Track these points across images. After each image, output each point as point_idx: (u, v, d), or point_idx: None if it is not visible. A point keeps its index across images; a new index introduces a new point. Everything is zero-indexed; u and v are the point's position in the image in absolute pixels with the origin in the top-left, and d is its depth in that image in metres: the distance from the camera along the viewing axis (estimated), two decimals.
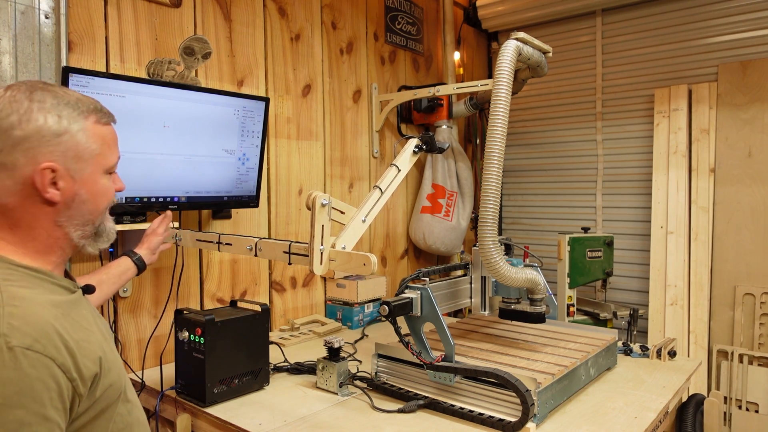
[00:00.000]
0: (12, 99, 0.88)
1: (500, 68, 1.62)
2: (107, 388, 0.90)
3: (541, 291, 1.70)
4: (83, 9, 1.70)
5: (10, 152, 0.87)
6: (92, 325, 0.95)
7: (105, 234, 1.01)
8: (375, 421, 1.42)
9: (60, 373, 0.81)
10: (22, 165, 0.88)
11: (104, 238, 1.01)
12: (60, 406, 0.81)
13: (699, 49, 2.87)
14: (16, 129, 0.87)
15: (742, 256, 2.68)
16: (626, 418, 1.42)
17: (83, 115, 0.93)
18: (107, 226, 1.02)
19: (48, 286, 0.92)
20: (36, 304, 0.85)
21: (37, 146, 0.88)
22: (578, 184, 3.31)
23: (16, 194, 0.89)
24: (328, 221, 1.32)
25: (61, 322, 0.86)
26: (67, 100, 0.92)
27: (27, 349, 0.79)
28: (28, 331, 0.80)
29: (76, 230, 0.96)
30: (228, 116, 1.89)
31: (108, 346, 0.96)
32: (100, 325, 1.00)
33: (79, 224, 0.96)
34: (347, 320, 2.42)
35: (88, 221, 0.97)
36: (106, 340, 0.97)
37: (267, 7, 2.28)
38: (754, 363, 2.61)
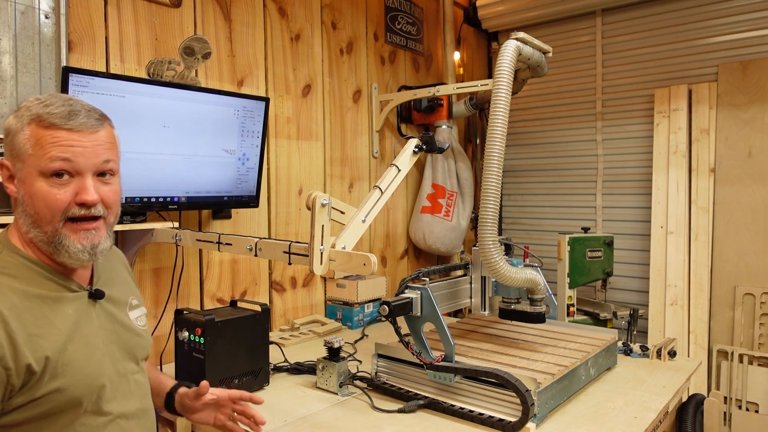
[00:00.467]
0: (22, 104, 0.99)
1: (500, 68, 1.62)
2: (53, 392, 0.90)
3: (541, 291, 1.70)
4: (83, 9, 1.70)
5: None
6: (66, 325, 0.95)
7: (64, 249, 0.96)
8: (375, 421, 1.42)
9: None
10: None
11: (63, 253, 0.96)
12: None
13: (699, 49, 2.87)
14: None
15: (742, 256, 2.68)
16: (626, 418, 1.42)
17: (30, 118, 0.95)
18: (66, 243, 0.96)
19: (37, 279, 0.95)
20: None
21: (4, 145, 0.97)
22: (578, 184, 3.31)
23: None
24: (328, 221, 1.32)
25: (20, 312, 0.89)
26: (36, 104, 0.96)
27: None
28: None
29: (29, 230, 0.96)
30: (228, 116, 1.89)
31: (82, 352, 0.95)
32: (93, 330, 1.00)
33: (29, 225, 0.95)
34: (347, 320, 2.42)
35: (34, 224, 0.95)
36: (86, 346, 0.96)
37: (267, 7, 2.28)
38: (754, 363, 2.61)
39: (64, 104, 0.96)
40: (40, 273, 0.96)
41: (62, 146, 0.94)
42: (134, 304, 1.16)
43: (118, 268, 1.20)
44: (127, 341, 1.09)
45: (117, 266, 1.20)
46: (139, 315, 1.17)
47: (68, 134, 0.94)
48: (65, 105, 0.96)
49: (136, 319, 1.15)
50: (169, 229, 1.72)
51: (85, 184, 0.95)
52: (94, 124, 0.98)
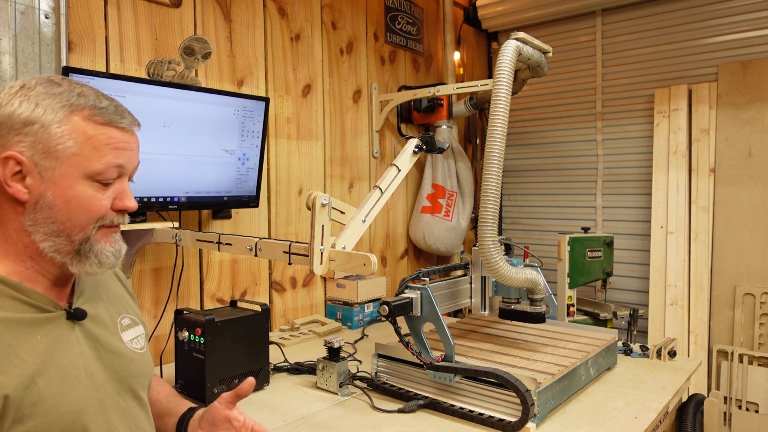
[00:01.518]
0: (10, 87, 0.82)
1: (500, 68, 1.62)
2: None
3: (541, 291, 1.70)
4: (83, 9, 1.70)
5: None
6: (34, 355, 0.78)
7: (94, 256, 0.84)
8: (375, 421, 1.42)
9: None
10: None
11: (92, 261, 0.84)
12: None
13: (699, 49, 2.87)
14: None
15: (742, 256, 2.68)
16: (626, 418, 1.42)
17: (70, 108, 0.81)
18: (98, 248, 0.84)
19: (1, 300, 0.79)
20: None
21: (6, 134, 0.79)
22: (578, 184, 3.31)
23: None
24: (328, 221, 1.32)
25: None
26: (60, 92, 0.82)
27: None
28: None
29: (45, 240, 0.81)
30: (228, 116, 1.89)
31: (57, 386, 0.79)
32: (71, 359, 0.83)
33: (47, 233, 0.81)
34: (347, 320, 2.42)
35: (58, 232, 0.82)
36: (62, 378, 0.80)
37: (267, 7, 2.28)
38: (754, 363, 2.61)
39: (106, 99, 0.84)
40: (3, 293, 0.79)
41: (118, 149, 0.83)
42: (126, 324, 0.99)
43: (107, 282, 1.03)
44: (117, 370, 0.92)
45: (106, 280, 1.03)
46: (135, 336, 1.00)
47: (122, 135, 0.84)
48: (108, 100, 0.85)
49: (131, 341, 0.98)
50: (169, 229, 1.72)
51: (126, 189, 0.87)
52: (136, 124, 0.88)
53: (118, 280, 1.09)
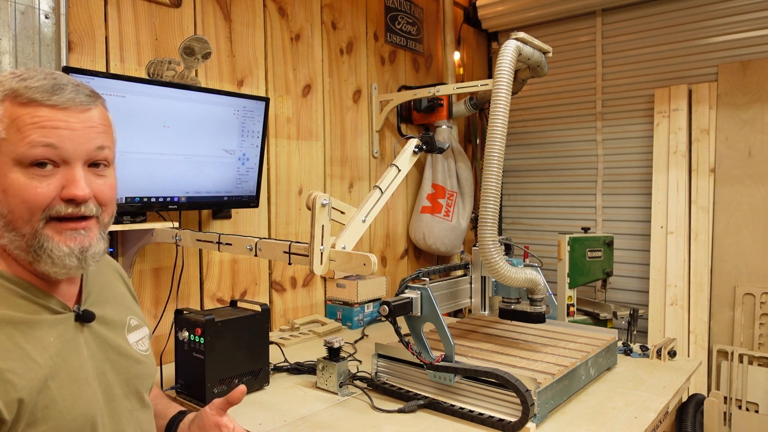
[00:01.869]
0: None
1: (500, 68, 1.62)
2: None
3: (541, 291, 1.70)
4: (83, 9, 1.70)
5: None
6: (45, 357, 0.76)
7: (45, 254, 0.77)
8: (375, 421, 1.42)
9: None
10: None
11: (45, 260, 0.78)
12: None
13: (699, 49, 2.87)
14: None
15: (742, 256, 2.68)
16: (626, 418, 1.42)
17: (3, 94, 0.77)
18: (48, 245, 0.77)
19: (10, 299, 0.77)
20: None
21: None
22: (578, 184, 3.31)
23: None
24: (328, 221, 1.32)
25: None
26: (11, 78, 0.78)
27: None
28: None
29: (2, 235, 0.77)
30: (228, 116, 1.89)
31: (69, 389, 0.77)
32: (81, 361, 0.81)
33: (1, 227, 0.77)
34: (347, 320, 2.42)
35: (8, 226, 0.77)
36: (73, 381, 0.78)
37: (267, 7, 2.28)
38: (754, 363, 2.61)
39: (46, 77, 0.78)
40: (10, 290, 0.77)
41: (45, 128, 0.75)
42: (133, 325, 0.97)
43: (112, 283, 1.01)
44: (125, 371, 0.90)
45: (111, 280, 1.01)
46: (140, 338, 0.98)
47: (52, 113, 0.76)
48: (48, 78, 0.78)
49: (137, 342, 0.96)
50: (169, 229, 1.72)
51: (74, 175, 0.77)
52: (85, 101, 0.79)
53: (122, 280, 1.06)
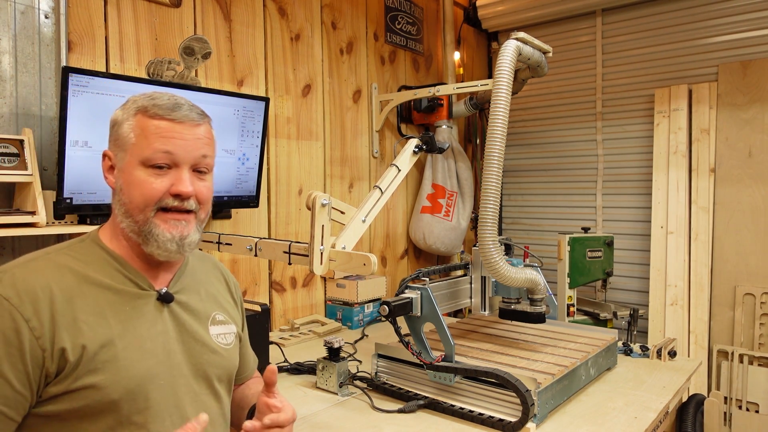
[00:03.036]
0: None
1: (500, 68, 1.62)
2: (87, 388, 0.84)
3: (541, 291, 1.70)
4: (83, 9, 1.70)
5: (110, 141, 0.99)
6: (119, 320, 0.90)
7: (153, 238, 0.94)
8: (375, 421, 1.42)
9: (28, 334, 0.81)
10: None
11: (152, 243, 0.94)
12: (20, 368, 0.80)
13: (699, 49, 2.87)
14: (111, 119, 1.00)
15: (742, 256, 2.68)
16: (626, 418, 1.42)
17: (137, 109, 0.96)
18: (156, 231, 0.94)
19: (107, 269, 0.93)
20: (54, 268, 0.89)
21: (110, 135, 0.98)
22: (578, 184, 3.31)
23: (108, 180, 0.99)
24: (328, 221, 1.32)
25: (72, 294, 0.87)
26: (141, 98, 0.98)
27: (4, 299, 0.82)
28: (17, 285, 0.84)
29: (122, 220, 0.95)
30: (228, 116, 1.89)
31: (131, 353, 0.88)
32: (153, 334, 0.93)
33: (122, 214, 0.95)
34: (347, 320, 2.42)
35: (127, 213, 0.94)
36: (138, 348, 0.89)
37: (267, 7, 2.28)
38: (754, 363, 2.61)
39: (169, 99, 0.98)
40: (112, 265, 0.94)
41: (164, 137, 0.94)
42: (219, 320, 1.07)
43: (211, 281, 1.13)
44: (197, 356, 0.99)
45: (212, 279, 1.14)
46: (224, 332, 1.07)
47: (171, 125, 0.95)
48: (170, 99, 0.98)
49: (218, 336, 1.05)
50: None
51: (181, 176, 0.95)
52: (196, 118, 0.98)
53: (226, 284, 1.19)
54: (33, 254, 0.93)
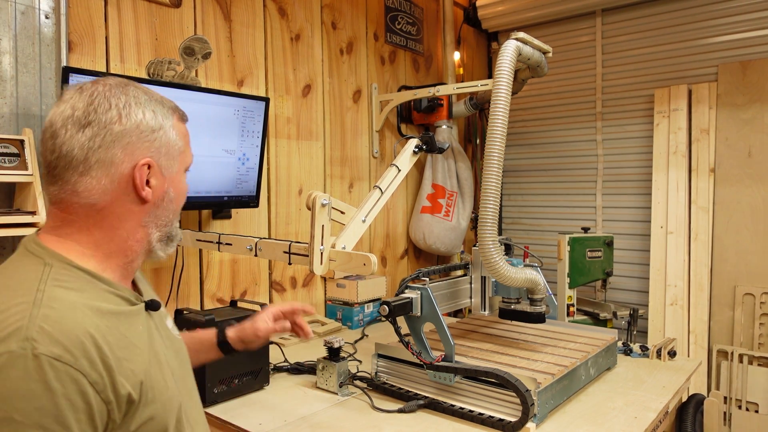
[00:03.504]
0: (108, 93, 0.84)
1: (500, 68, 1.62)
2: (146, 421, 0.78)
3: (541, 291, 1.70)
4: (83, 9, 1.70)
5: (109, 148, 0.82)
6: (143, 344, 0.83)
7: (176, 237, 0.94)
8: (375, 421, 1.42)
9: (92, 392, 0.70)
10: (120, 161, 0.83)
11: (174, 242, 0.94)
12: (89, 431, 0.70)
13: (699, 49, 2.87)
14: (116, 123, 0.83)
15: (742, 256, 2.68)
16: (626, 418, 1.42)
17: (170, 111, 0.91)
18: (178, 231, 0.96)
19: (102, 294, 0.81)
20: (77, 308, 0.75)
21: (136, 141, 0.84)
22: (578, 184, 3.31)
23: (110, 193, 0.83)
24: (328, 221, 1.32)
25: (104, 333, 0.75)
26: (155, 98, 0.90)
27: (55, 359, 0.68)
28: (60, 338, 0.70)
29: (157, 231, 0.90)
30: (228, 116, 1.89)
31: (159, 372, 0.84)
32: (159, 347, 0.88)
33: (161, 225, 0.90)
34: (347, 320, 2.42)
35: (168, 222, 0.91)
36: (159, 365, 0.85)
37: (267, 7, 2.28)
38: (754, 363, 2.61)
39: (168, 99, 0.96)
40: (99, 286, 0.82)
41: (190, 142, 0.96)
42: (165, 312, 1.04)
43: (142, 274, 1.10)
44: (181, 355, 0.99)
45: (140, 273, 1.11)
46: (171, 323, 1.05)
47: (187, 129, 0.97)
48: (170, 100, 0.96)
49: (173, 327, 1.04)
50: None
51: None
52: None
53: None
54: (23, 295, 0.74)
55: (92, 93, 0.83)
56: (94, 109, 0.82)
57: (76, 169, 0.81)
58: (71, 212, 0.83)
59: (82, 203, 0.82)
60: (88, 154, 0.81)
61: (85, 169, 0.81)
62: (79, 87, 0.85)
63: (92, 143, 0.81)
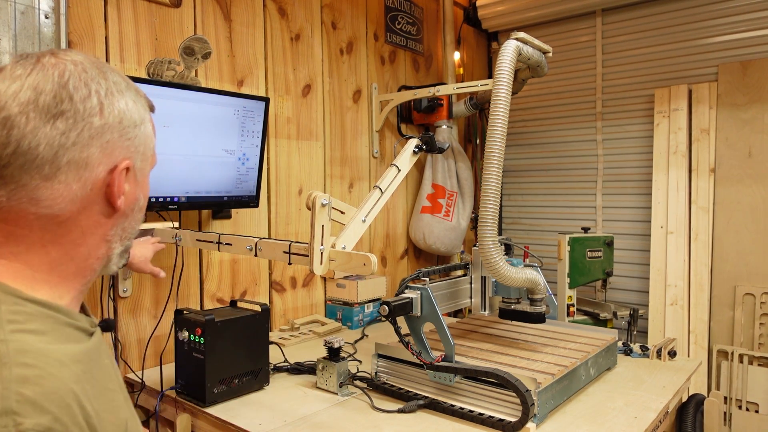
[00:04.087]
0: (84, 75, 0.66)
1: (500, 68, 1.62)
2: None
3: (541, 291, 1.70)
4: (83, 9, 1.70)
5: (86, 146, 0.65)
6: (115, 383, 0.71)
7: (129, 249, 0.79)
8: (375, 421, 1.42)
9: None
10: (97, 163, 0.66)
11: (127, 254, 0.78)
12: None
13: (699, 49, 2.87)
14: (97, 116, 0.66)
15: (742, 256, 2.68)
16: (626, 418, 1.42)
17: (146, 101, 0.75)
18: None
19: (64, 330, 0.65)
20: (54, 362, 0.59)
21: (117, 139, 0.68)
22: (578, 184, 3.31)
23: (78, 202, 0.66)
24: (328, 221, 1.32)
25: (83, 385, 0.61)
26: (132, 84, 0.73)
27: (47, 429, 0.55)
28: (46, 404, 0.55)
29: (120, 245, 0.74)
30: (228, 116, 1.89)
31: (129, 409, 0.73)
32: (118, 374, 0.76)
33: (126, 237, 0.75)
34: (347, 320, 2.42)
35: (133, 233, 0.76)
36: (126, 400, 0.73)
37: (267, 7, 2.28)
38: (754, 363, 2.61)
39: None
40: (59, 320, 0.65)
41: None
42: None
43: None
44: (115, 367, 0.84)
45: None
46: None
47: None
48: None
49: None
50: (169, 229, 1.72)
51: None
52: None
53: None
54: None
55: (63, 73, 0.64)
56: (69, 95, 0.64)
57: (39, 170, 0.63)
58: (22, 225, 0.65)
59: (41, 214, 0.65)
60: (58, 152, 0.63)
61: (52, 171, 0.63)
62: (35, 59, 0.65)
63: (65, 139, 0.63)
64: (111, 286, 1.78)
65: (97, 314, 1.74)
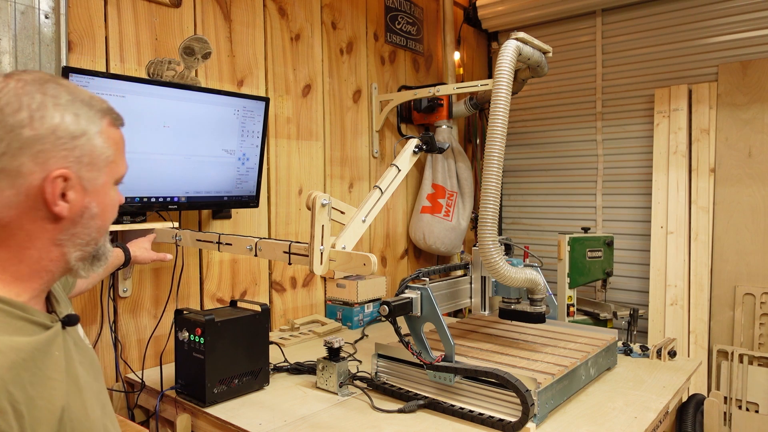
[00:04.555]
0: (21, 91, 0.73)
1: (500, 68, 1.62)
2: None
3: (541, 291, 1.70)
4: (83, 9, 1.70)
5: (16, 156, 0.72)
6: (60, 374, 0.75)
7: (103, 257, 0.84)
8: (375, 421, 1.42)
9: None
10: (29, 172, 0.73)
11: (102, 262, 0.84)
12: None
13: (699, 49, 2.87)
14: (27, 128, 0.72)
15: (742, 256, 2.68)
16: (626, 418, 1.42)
17: (99, 114, 0.80)
18: (106, 248, 0.85)
19: (15, 323, 0.73)
20: None
21: (50, 149, 0.74)
22: (578, 184, 3.31)
23: (15, 207, 0.73)
24: (328, 221, 1.32)
25: (18, 372, 0.68)
26: (82, 98, 0.79)
27: None
28: None
29: (76, 251, 0.79)
30: (228, 116, 1.89)
31: (80, 400, 0.78)
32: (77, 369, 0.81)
33: (81, 244, 0.80)
34: (347, 320, 2.42)
35: (92, 240, 0.81)
36: (79, 392, 0.78)
37: (267, 7, 2.28)
38: (754, 363, 2.61)
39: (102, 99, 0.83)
40: (11, 314, 0.73)
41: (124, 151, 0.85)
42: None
43: None
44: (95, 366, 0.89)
45: None
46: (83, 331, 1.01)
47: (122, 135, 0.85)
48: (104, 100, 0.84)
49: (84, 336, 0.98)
50: (169, 229, 1.72)
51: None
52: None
53: None
54: None
55: (1, 89, 0.73)
56: (0, 108, 0.72)
57: None
58: None
59: None
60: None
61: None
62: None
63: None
64: (111, 286, 1.78)
65: (96, 314, 1.74)
